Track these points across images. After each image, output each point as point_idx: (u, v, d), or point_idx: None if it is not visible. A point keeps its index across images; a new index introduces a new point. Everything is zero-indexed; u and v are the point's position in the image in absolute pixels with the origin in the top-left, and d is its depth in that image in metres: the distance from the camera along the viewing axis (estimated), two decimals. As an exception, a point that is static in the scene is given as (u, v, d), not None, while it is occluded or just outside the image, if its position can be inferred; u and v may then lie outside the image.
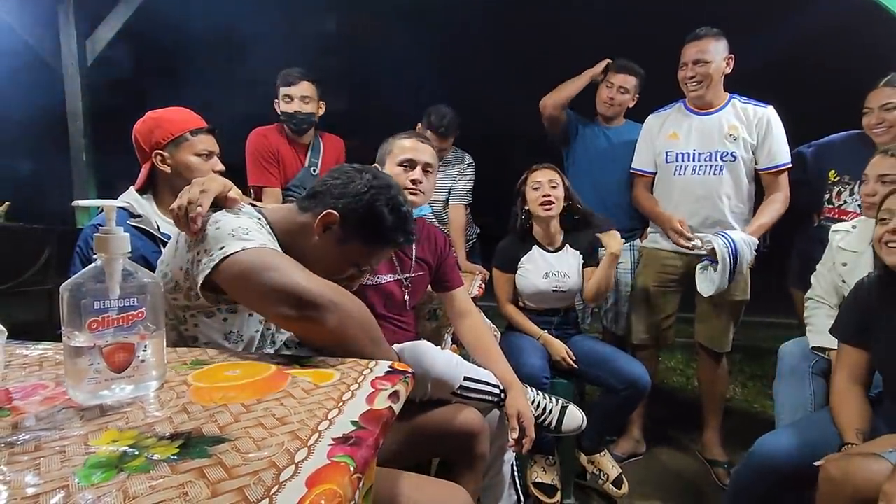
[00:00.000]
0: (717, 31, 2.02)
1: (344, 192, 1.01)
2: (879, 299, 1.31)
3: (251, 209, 1.02)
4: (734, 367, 3.33)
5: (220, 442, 0.52)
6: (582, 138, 2.43)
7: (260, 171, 2.28)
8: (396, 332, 1.47)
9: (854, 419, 1.27)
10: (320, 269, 1.03)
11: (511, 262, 1.99)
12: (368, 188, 1.02)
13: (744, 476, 1.37)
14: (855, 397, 1.32)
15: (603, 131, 2.42)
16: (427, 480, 1.07)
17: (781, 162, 2.04)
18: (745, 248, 1.92)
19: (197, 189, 0.94)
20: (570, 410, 1.53)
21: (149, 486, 0.44)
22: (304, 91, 2.23)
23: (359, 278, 1.08)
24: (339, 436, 0.53)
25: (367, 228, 1.02)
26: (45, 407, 0.60)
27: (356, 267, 1.05)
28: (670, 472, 2.15)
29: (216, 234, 0.88)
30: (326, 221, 0.99)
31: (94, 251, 0.64)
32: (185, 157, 1.40)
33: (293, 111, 2.23)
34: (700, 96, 2.07)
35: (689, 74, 2.04)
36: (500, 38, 4.77)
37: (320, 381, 0.68)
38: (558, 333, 1.98)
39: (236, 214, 0.95)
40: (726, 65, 2.04)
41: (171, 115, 1.42)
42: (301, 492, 0.44)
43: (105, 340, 0.61)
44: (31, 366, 0.74)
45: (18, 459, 0.49)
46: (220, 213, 0.93)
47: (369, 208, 1.01)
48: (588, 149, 2.41)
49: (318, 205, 1.02)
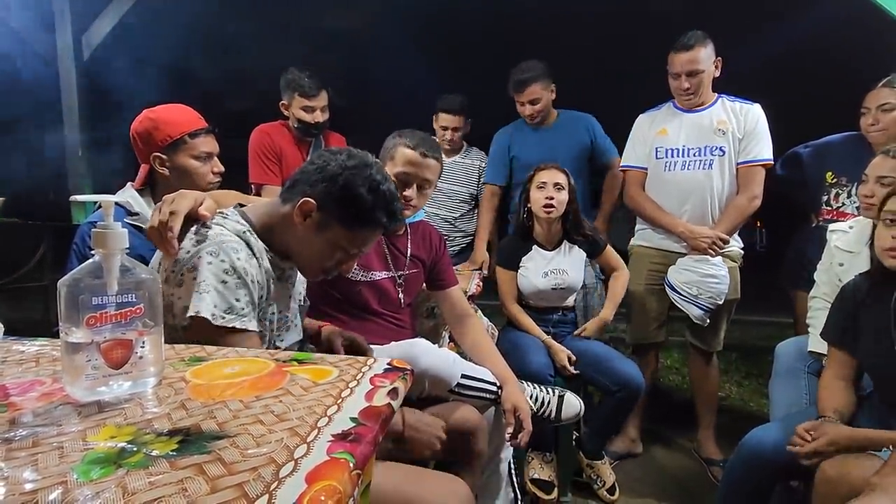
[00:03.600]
0: (702, 35, 2.02)
1: (319, 178, 1.00)
2: (867, 297, 1.32)
3: (236, 216, 1.01)
4: (730, 365, 3.35)
5: (219, 438, 0.52)
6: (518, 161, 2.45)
7: (261, 169, 2.29)
8: (393, 330, 1.47)
9: (833, 402, 1.30)
10: (307, 258, 1.04)
11: (513, 259, 1.99)
12: (343, 170, 0.99)
13: (735, 469, 1.39)
14: (839, 389, 1.33)
15: (536, 135, 2.45)
16: (427, 473, 1.08)
17: (758, 158, 2.03)
18: (720, 293, 2.00)
19: (167, 209, 0.93)
20: (567, 398, 1.55)
21: (148, 482, 0.44)
22: (323, 101, 2.25)
23: (349, 262, 1.07)
24: (339, 432, 0.53)
25: (347, 211, 1.00)
26: (42, 403, 0.60)
27: (343, 251, 1.03)
28: (666, 470, 2.16)
29: (193, 282, 0.89)
30: (304, 209, 0.98)
31: (92, 247, 0.63)
32: (183, 160, 1.38)
33: (314, 122, 2.24)
34: (693, 104, 2.09)
35: (685, 86, 2.04)
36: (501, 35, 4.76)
37: (319, 379, 0.68)
38: (556, 332, 1.99)
39: (211, 228, 0.95)
40: (715, 68, 2.05)
41: (169, 116, 1.39)
42: (300, 488, 0.44)
43: (103, 336, 0.61)
44: (27, 362, 0.73)
45: (16, 455, 0.48)
46: (196, 245, 0.93)
47: (345, 190, 0.99)
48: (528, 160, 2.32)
49: (297, 193, 1.00)
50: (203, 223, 0.96)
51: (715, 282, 1.98)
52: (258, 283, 0.96)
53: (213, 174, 1.43)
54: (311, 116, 2.24)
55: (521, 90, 2.36)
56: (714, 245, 2.01)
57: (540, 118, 2.43)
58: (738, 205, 2.05)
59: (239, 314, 0.90)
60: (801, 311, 2.05)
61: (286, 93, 2.26)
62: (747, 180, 2.04)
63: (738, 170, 2.06)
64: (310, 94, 2.21)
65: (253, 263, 0.95)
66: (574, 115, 2.51)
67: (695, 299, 2.00)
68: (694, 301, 2.00)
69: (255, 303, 0.94)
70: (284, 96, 2.28)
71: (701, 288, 1.98)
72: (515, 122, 2.56)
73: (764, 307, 3.70)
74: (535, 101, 2.37)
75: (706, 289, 1.98)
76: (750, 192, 2.04)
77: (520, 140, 2.50)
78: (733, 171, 2.06)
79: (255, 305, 0.94)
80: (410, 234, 1.55)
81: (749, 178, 2.04)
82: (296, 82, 2.22)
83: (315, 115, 2.24)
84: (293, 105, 2.25)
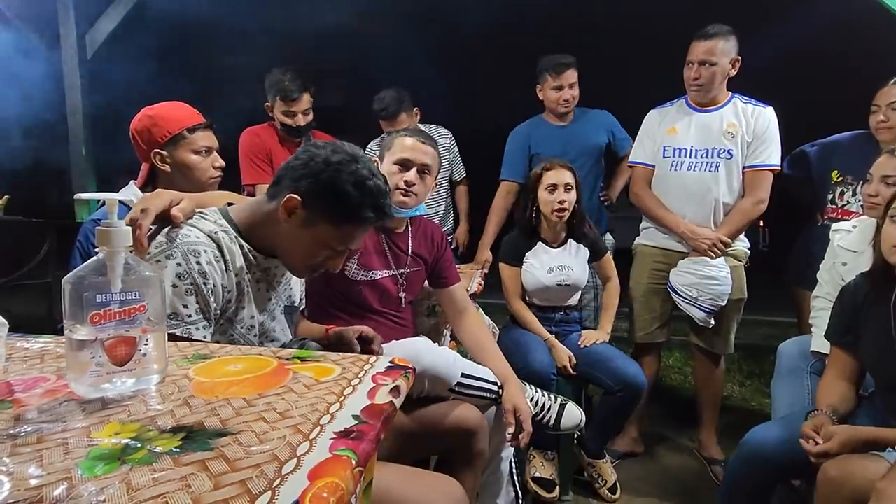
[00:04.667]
0: (728, 29, 1.98)
1: (304, 174, 0.97)
2: (868, 295, 1.32)
3: (215, 215, 1.01)
4: (733, 365, 3.34)
5: (222, 435, 0.52)
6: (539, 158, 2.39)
7: (253, 170, 2.30)
8: (393, 329, 1.47)
9: (828, 398, 1.30)
10: (294, 256, 1.02)
11: (517, 255, 1.99)
12: (327, 165, 0.96)
13: (736, 467, 1.39)
14: (837, 387, 1.34)
15: (557, 132, 2.43)
16: (422, 473, 1.07)
17: (767, 162, 2.01)
18: (721, 294, 1.99)
19: (138, 208, 0.93)
20: (568, 408, 1.54)
21: (151, 479, 0.45)
22: (305, 105, 2.24)
23: (337, 259, 1.04)
24: (341, 430, 0.54)
25: (332, 208, 0.97)
26: (46, 399, 0.60)
27: (330, 248, 1.01)
28: (668, 469, 2.16)
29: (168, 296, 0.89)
30: (288, 207, 0.96)
31: (96, 244, 0.64)
32: (184, 155, 1.39)
33: (296, 126, 2.24)
34: (702, 96, 2.07)
35: (694, 75, 2.02)
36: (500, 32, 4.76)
37: (321, 377, 0.68)
38: (559, 331, 1.99)
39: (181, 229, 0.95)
40: (732, 67, 2.01)
41: (168, 113, 1.40)
42: (303, 485, 0.44)
43: (107, 334, 0.61)
44: (32, 359, 0.74)
45: (21, 451, 0.49)
46: (157, 248, 0.92)
47: (330, 186, 0.96)
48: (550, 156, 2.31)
49: (282, 190, 0.98)
50: (174, 224, 0.95)
51: (715, 283, 1.97)
52: (222, 289, 0.95)
53: (213, 168, 1.44)
54: (293, 120, 2.23)
55: (562, 72, 2.33)
56: (715, 247, 2.00)
57: (570, 108, 2.40)
58: (742, 208, 2.03)
59: (183, 321, 0.90)
60: (804, 311, 2.05)
61: (269, 94, 2.25)
62: (754, 184, 2.02)
63: (745, 173, 2.04)
64: (290, 97, 2.19)
65: (218, 268, 0.94)
66: (591, 112, 2.50)
67: (695, 301, 1.99)
68: (694, 303, 2.00)
69: (208, 310, 0.93)
70: (269, 98, 2.27)
71: (701, 290, 1.98)
72: (531, 120, 2.54)
73: (767, 307, 3.68)
74: (573, 86, 2.36)
75: (706, 290, 1.97)
76: (755, 196, 2.02)
77: (539, 137, 2.47)
78: (740, 175, 2.05)
79: (208, 313, 0.93)
80: (411, 231, 1.55)
81: (756, 182, 2.02)
82: (277, 86, 2.20)
83: (297, 119, 2.23)
84: (276, 108, 2.24)
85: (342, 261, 1.06)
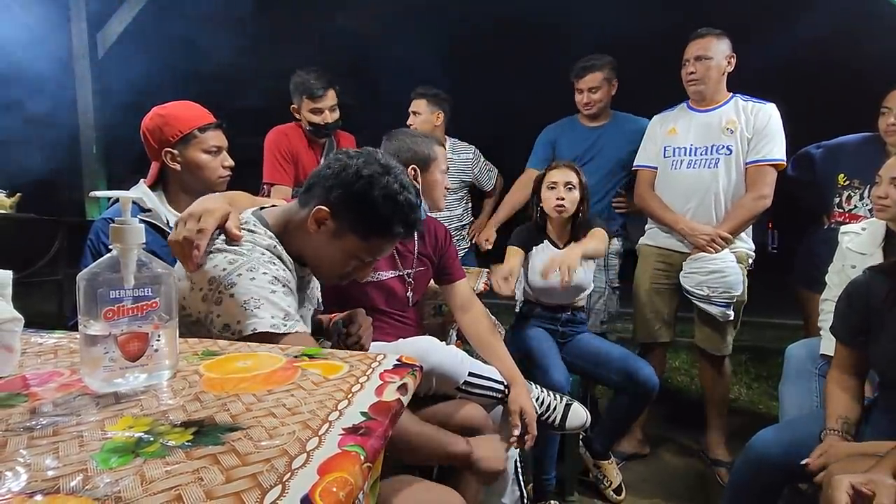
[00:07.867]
0: (718, 31, 2.03)
1: (335, 184, 0.96)
2: (883, 297, 1.30)
3: (261, 228, 0.99)
4: (740, 367, 3.32)
5: (232, 430, 0.53)
6: (560, 157, 2.40)
7: (275, 169, 2.32)
8: (399, 328, 1.48)
9: (840, 408, 1.29)
10: (323, 266, 1.03)
11: (525, 243, 1.97)
12: (358, 177, 0.95)
13: (741, 470, 1.38)
14: (845, 388, 1.32)
15: (585, 132, 2.42)
16: (420, 483, 1.04)
17: (768, 157, 1.99)
18: (732, 284, 1.98)
19: (193, 226, 0.91)
20: (574, 408, 1.54)
21: (165, 471, 0.45)
22: (331, 101, 2.27)
23: (365, 270, 1.05)
24: (350, 426, 0.54)
25: (361, 221, 0.96)
26: (61, 393, 0.62)
27: (358, 260, 1.01)
28: (673, 471, 2.16)
29: (234, 301, 0.87)
30: (318, 217, 0.96)
31: (110, 242, 0.65)
32: (194, 154, 1.40)
33: (323, 123, 2.26)
34: (700, 92, 2.07)
35: (690, 70, 2.05)
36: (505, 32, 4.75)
37: (330, 374, 0.69)
38: (565, 331, 1.98)
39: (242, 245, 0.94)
40: (727, 63, 2.04)
41: (179, 112, 1.41)
42: (313, 479, 0.45)
43: (120, 329, 0.63)
44: (46, 354, 0.75)
45: (38, 443, 0.50)
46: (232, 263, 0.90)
47: (361, 199, 0.94)
48: (571, 155, 2.35)
49: (313, 198, 0.98)
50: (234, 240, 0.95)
51: (722, 276, 1.95)
52: (294, 292, 0.97)
53: (223, 168, 1.45)
54: (321, 118, 2.26)
55: (581, 75, 2.33)
56: (714, 242, 1.99)
57: (595, 110, 2.37)
58: (743, 204, 2.02)
59: (295, 319, 0.91)
60: (811, 313, 2.03)
61: (295, 96, 2.28)
62: (755, 180, 2.01)
63: (746, 169, 2.03)
64: (316, 95, 2.22)
65: (288, 275, 0.96)
66: (629, 118, 2.46)
67: (708, 299, 1.98)
68: (708, 301, 1.99)
69: (297, 308, 0.96)
70: (294, 100, 2.29)
71: (710, 286, 1.97)
72: (564, 120, 2.54)
73: (775, 309, 3.66)
74: (594, 90, 2.34)
75: (715, 285, 1.96)
76: (757, 191, 2.00)
77: (567, 136, 2.47)
78: (741, 171, 2.04)
79: (297, 310, 0.96)
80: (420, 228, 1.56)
81: (758, 178, 2.01)
82: (303, 85, 2.23)
83: (324, 116, 2.26)
84: (303, 108, 2.27)
85: (370, 270, 1.08)
